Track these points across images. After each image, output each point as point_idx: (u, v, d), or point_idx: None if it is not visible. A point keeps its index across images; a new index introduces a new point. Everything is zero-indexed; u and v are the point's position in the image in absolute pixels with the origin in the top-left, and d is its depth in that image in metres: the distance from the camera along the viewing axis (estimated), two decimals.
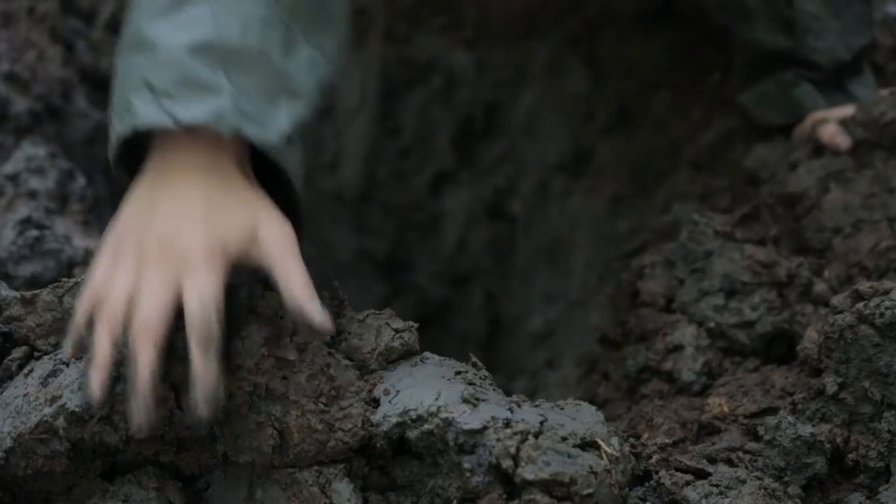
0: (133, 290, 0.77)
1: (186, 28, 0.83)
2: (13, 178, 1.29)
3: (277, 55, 0.85)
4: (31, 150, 1.32)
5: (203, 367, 0.75)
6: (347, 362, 0.84)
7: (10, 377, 0.85)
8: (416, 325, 0.87)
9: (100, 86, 1.64)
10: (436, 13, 1.87)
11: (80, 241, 1.23)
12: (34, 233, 1.20)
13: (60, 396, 0.78)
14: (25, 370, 0.84)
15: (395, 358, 0.85)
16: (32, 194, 1.28)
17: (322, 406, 0.79)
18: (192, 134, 0.81)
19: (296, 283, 0.78)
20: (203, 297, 0.76)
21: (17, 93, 1.43)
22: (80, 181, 1.35)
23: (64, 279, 0.89)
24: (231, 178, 0.83)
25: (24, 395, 0.81)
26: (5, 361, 0.86)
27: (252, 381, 0.78)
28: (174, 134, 0.81)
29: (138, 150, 0.84)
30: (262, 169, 0.85)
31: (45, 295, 0.87)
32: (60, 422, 0.78)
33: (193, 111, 0.80)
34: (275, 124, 0.82)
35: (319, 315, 0.77)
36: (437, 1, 1.86)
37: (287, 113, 0.84)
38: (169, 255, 0.78)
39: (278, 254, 0.80)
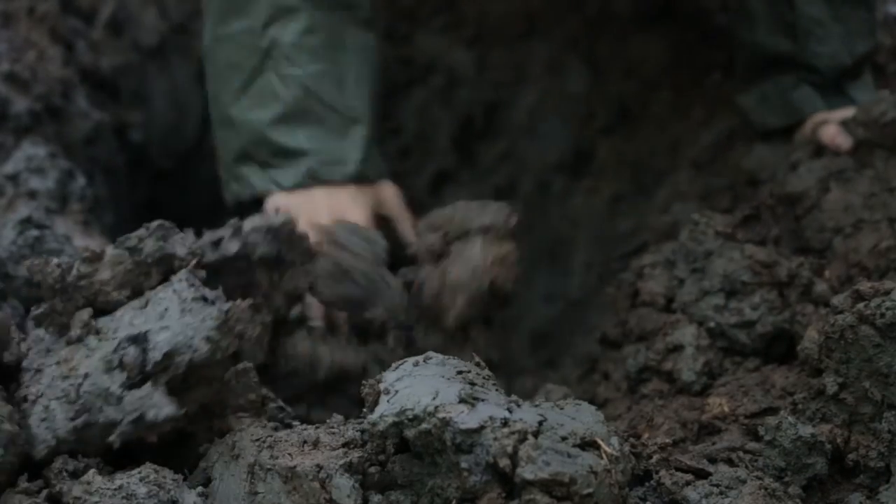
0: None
1: (262, 105, 1.17)
2: (13, 178, 1.29)
3: (334, 96, 1.18)
4: (31, 150, 1.32)
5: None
6: None
7: (81, 339, 0.89)
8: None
9: (100, 86, 1.64)
10: (436, 13, 1.87)
11: (80, 241, 1.23)
12: (34, 233, 1.19)
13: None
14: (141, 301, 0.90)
15: None
16: (32, 194, 1.28)
17: None
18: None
19: (408, 229, 1.21)
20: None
21: (17, 93, 1.43)
22: (80, 181, 1.34)
23: (126, 235, 0.94)
24: (342, 188, 1.18)
25: (183, 310, 0.88)
26: (72, 330, 0.90)
27: None
28: None
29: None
30: None
31: (112, 250, 0.93)
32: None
33: (290, 176, 1.17)
34: (350, 157, 1.18)
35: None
36: (437, 1, 1.86)
37: (356, 139, 1.19)
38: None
39: (396, 208, 1.23)
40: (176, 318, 0.87)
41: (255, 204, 1.19)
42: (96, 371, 0.86)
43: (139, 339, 0.87)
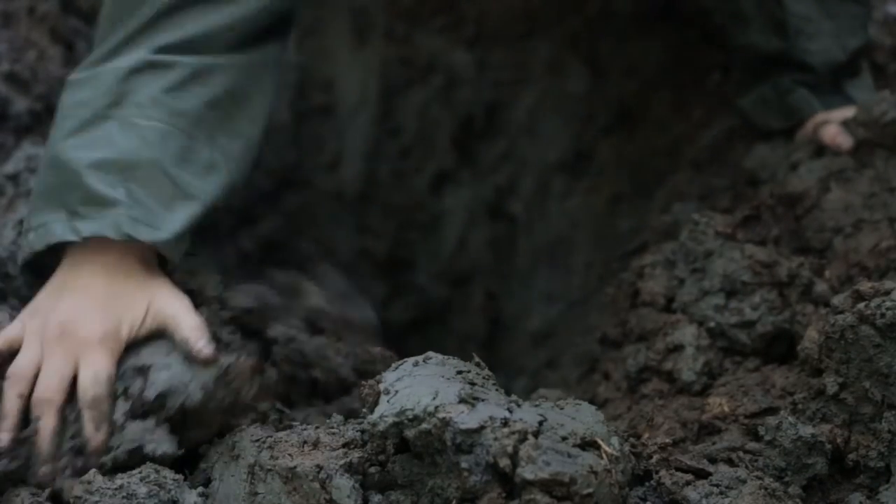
0: (38, 366, 0.93)
1: (92, 147, 0.99)
2: (13, 178, 1.29)
3: (172, 165, 1.00)
4: (32, 150, 1.32)
5: (93, 435, 0.90)
6: None
7: None
8: None
9: None
10: (436, 13, 1.87)
11: None
12: None
13: None
14: None
15: None
16: None
17: None
18: (98, 240, 0.97)
19: (186, 326, 0.95)
20: (96, 376, 0.92)
21: (17, 92, 1.43)
22: None
23: None
24: (132, 268, 0.99)
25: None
26: None
27: None
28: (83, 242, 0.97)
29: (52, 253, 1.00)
30: None
31: None
32: None
33: (94, 225, 0.96)
34: (168, 226, 0.98)
35: (206, 350, 0.93)
36: (437, 1, 1.86)
37: (182, 214, 0.99)
38: (69, 339, 0.94)
39: (171, 312, 0.97)
40: (180, 358, 0.92)
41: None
42: None
43: (143, 372, 0.91)
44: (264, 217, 1.86)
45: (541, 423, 0.77)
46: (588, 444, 0.77)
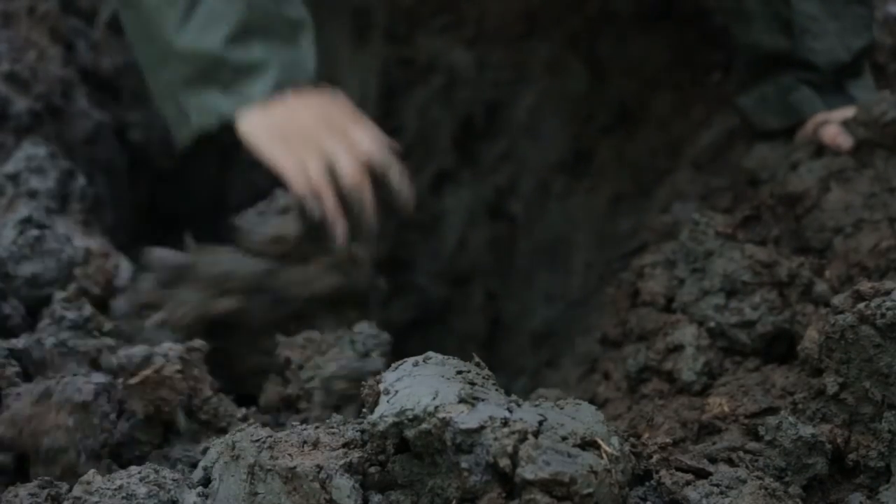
0: (329, 158, 1.13)
1: (210, 28, 1.15)
2: (13, 178, 1.29)
3: (274, 7, 1.17)
4: (32, 150, 1.32)
5: (401, 189, 1.18)
6: None
7: None
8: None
9: (100, 85, 1.63)
10: (436, 13, 1.87)
11: (80, 241, 1.23)
12: (34, 232, 1.20)
13: None
14: None
15: None
16: (33, 194, 1.28)
17: None
18: None
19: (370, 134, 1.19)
20: (380, 143, 1.16)
21: (17, 92, 1.43)
22: (81, 181, 1.35)
23: None
24: (306, 92, 1.17)
25: None
26: None
27: None
28: None
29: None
30: None
31: None
32: None
33: (258, 89, 1.14)
34: (308, 60, 1.18)
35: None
36: (437, 1, 1.86)
37: (307, 42, 1.19)
38: (335, 129, 1.15)
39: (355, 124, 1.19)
40: None
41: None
42: None
43: None
44: None
45: (541, 423, 0.77)
46: (588, 444, 0.77)
